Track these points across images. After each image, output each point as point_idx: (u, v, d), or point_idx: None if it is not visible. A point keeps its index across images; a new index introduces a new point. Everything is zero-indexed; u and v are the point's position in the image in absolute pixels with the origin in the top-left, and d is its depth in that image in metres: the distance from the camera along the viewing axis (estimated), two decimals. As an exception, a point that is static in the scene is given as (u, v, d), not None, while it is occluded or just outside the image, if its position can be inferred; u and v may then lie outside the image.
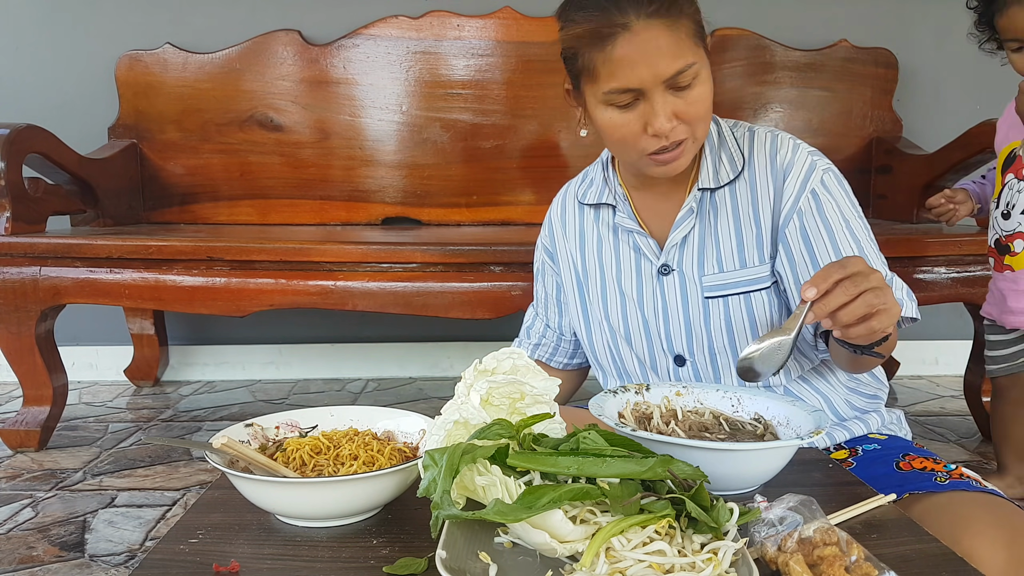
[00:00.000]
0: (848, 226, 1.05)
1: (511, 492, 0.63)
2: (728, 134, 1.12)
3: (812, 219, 1.05)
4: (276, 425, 0.89)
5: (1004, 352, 1.78)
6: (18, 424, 2.10)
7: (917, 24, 2.76)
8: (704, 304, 1.10)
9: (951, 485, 0.92)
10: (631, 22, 0.96)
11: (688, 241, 1.11)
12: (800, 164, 1.07)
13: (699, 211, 1.11)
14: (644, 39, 0.96)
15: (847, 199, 1.07)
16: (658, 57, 0.96)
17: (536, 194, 2.69)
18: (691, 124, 1.01)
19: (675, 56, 0.96)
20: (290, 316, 2.83)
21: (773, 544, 0.64)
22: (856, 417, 1.13)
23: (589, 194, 1.21)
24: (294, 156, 2.68)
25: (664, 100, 0.98)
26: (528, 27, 2.63)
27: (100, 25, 2.72)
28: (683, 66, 0.96)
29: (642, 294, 1.14)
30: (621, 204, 1.16)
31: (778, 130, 1.13)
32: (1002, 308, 1.73)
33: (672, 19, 0.96)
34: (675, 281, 1.12)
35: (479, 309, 1.98)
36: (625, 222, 1.15)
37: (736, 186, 1.10)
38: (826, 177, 1.06)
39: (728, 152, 1.11)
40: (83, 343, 2.84)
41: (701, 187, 1.10)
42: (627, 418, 0.91)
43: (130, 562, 1.50)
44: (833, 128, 2.70)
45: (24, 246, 2.02)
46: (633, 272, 1.16)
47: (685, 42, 0.97)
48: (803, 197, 1.06)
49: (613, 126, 1.03)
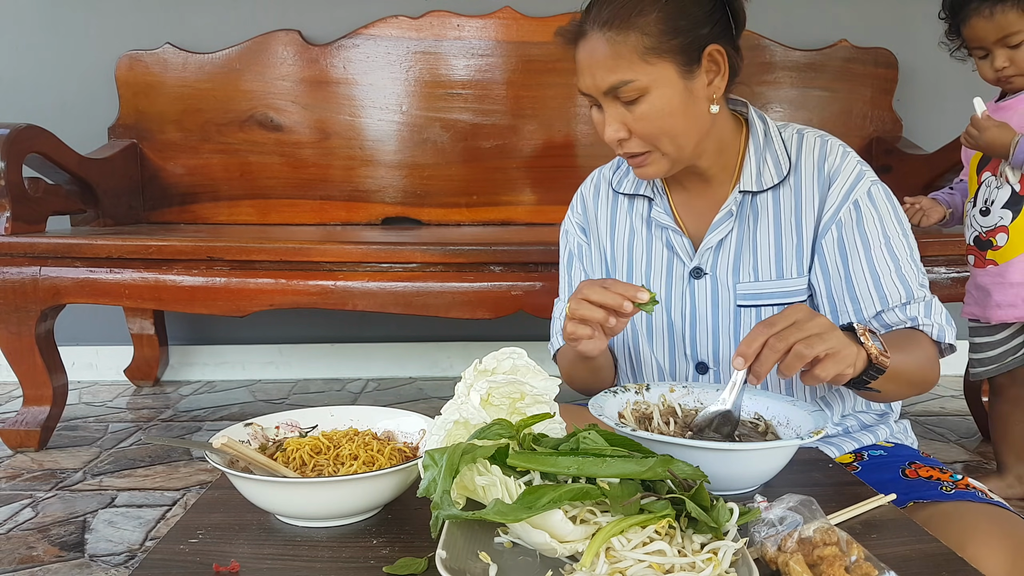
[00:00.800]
0: (888, 243, 1.02)
1: (511, 492, 0.63)
2: (775, 134, 1.08)
3: (851, 232, 1.02)
4: (276, 425, 0.89)
5: (991, 353, 1.76)
6: (18, 424, 2.10)
7: (917, 24, 2.76)
8: (736, 312, 1.06)
9: (957, 495, 0.90)
10: (587, 29, 0.99)
11: (724, 245, 1.08)
12: (847, 172, 1.03)
13: (739, 214, 1.07)
14: (589, 48, 0.98)
15: (893, 214, 1.03)
16: (597, 68, 0.97)
17: (536, 194, 2.69)
18: (644, 139, 1.00)
19: (609, 70, 0.96)
20: (290, 316, 2.83)
21: (773, 544, 0.64)
22: (863, 429, 1.11)
23: (625, 183, 1.16)
24: (294, 156, 2.68)
25: (612, 110, 0.99)
26: (528, 27, 2.63)
27: (100, 25, 2.73)
28: (616, 82, 0.96)
29: (671, 295, 1.11)
30: (659, 198, 1.12)
31: (828, 135, 1.09)
32: (986, 304, 1.70)
33: (616, 32, 0.96)
34: (707, 286, 1.08)
35: (479, 309, 1.98)
36: (661, 217, 1.11)
37: (780, 191, 1.06)
38: (873, 189, 1.03)
39: (774, 154, 1.07)
40: (83, 343, 2.84)
41: (743, 189, 1.06)
42: (627, 418, 0.91)
43: (130, 562, 1.50)
44: (833, 128, 2.70)
45: (24, 246, 2.02)
46: (664, 271, 1.12)
47: (624, 58, 0.96)
48: (844, 207, 1.02)
49: (595, 123, 1.04)
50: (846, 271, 1.02)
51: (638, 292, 0.89)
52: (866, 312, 1.02)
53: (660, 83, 0.97)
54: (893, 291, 1.01)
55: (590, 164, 2.92)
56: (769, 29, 2.68)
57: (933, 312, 1.02)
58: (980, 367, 1.78)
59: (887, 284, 1.01)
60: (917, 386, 1.00)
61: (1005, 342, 1.74)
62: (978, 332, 1.77)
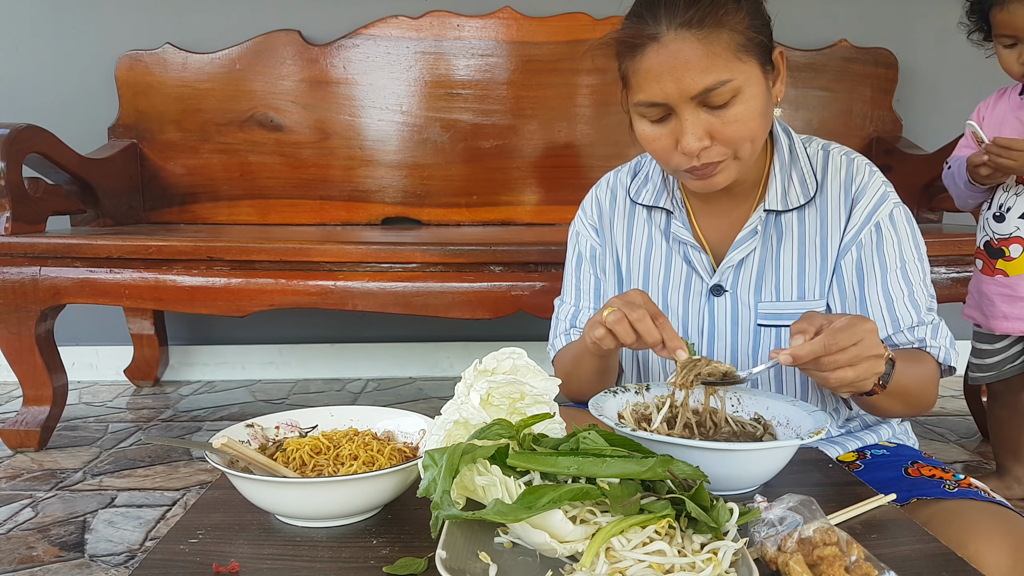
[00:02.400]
0: (904, 267, 1.01)
1: (511, 492, 0.63)
2: (801, 151, 1.06)
3: (870, 254, 1.02)
4: (276, 425, 0.89)
5: (989, 361, 1.75)
6: (18, 424, 2.10)
7: (917, 24, 2.76)
8: (756, 331, 1.05)
9: (959, 493, 0.91)
10: (661, 33, 0.90)
11: (746, 264, 1.06)
12: (872, 193, 1.02)
13: (763, 233, 1.05)
14: (672, 51, 0.90)
15: (911, 239, 1.03)
16: (685, 71, 0.90)
17: (536, 194, 2.69)
18: (728, 145, 0.94)
19: (704, 71, 0.89)
20: (290, 316, 2.83)
21: (773, 544, 0.64)
22: (867, 428, 1.11)
23: (644, 193, 1.13)
24: (294, 156, 2.68)
25: (695, 118, 0.92)
26: (528, 27, 2.63)
27: (100, 25, 2.73)
28: (713, 83, 0.90)
29: (688, 311, 1.08)
30: (678, 212, 1.09)
31: (853, 151, 1.07)
32: (991, 313, 1.68)
33: (707, 31, 0.89)
34: (726, 304, 1.06)
35: (479, 309, 1.98)
36: (681, 232, 1.09)
37: (806, 212, 1.05)
38: (895, 212, 1.02)
39: (800, 173, 1.05)
40: (83, 343, 2.84)
41: (768, 208, 1.04)
42: (627, 418, 0.91)
43: (130, 562, 1.50)
44: (833, 128, 2.70)
45: (24, 246, 2.02)
46: (682, 286, 1.09)
47: (720, 56, 0.90)
48: (866, 229, 1.02)
49: (647, 139, 0.98)
50: (861, 294, 1.02)
51: (679, 348, 0.88)
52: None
53: (752, 82, 0.93)
54: (905, 315, 1.02)
55: (590, 164, 2.95)
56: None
57: (940, 335, 1.02)
58: (978, 372, 1.77)
59: (900, 308, 1.02)
60: (915, 406, 1.00)
61: (1004, 351, 1.73)
62: (981, 339, 1.76)
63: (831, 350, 0.82)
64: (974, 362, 1.78)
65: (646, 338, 0.88)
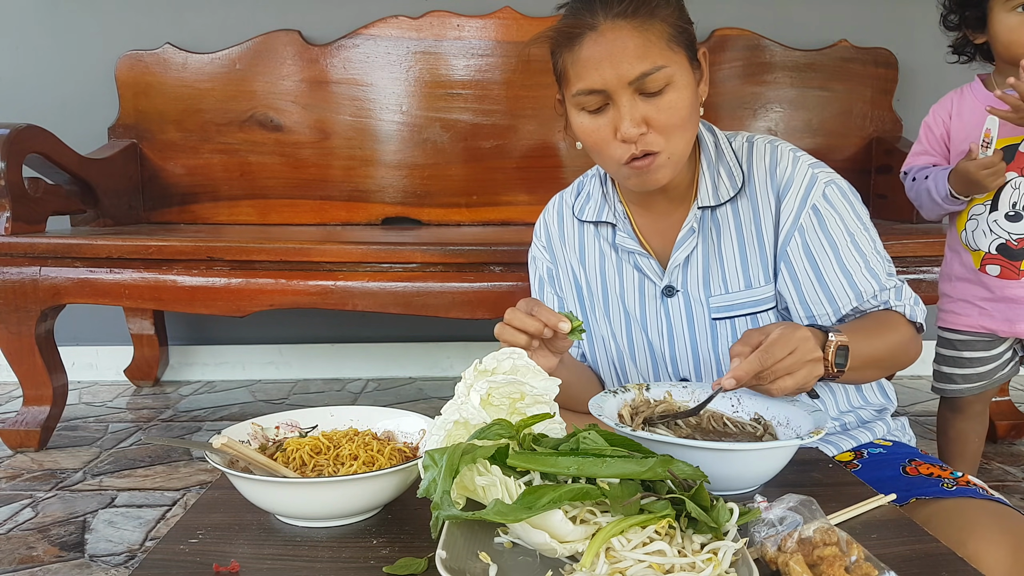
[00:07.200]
0: (853, 240, 1.03)
1: (511, 492, 0.63)
2: (726, 146, 1.09)
3: (815, 235, 1.03)
4: (276, 425, 0.89)
5: (982, 369, 1.61)
6: (18, 424, 2.10)
7: (917, 24, 2.76)
8: (712, 326, 1.08)
9: (958, 491, 0.91)
10: (598, 22, 0.96)
11: (691, 261, 1.09)
12: (800, 178, 1.04)
13: (701, 230, 1.08)
14: (609, 39, 0.95)
15: (851, 211, 1.04)
16: (622, 58, 0.94)
17: (536, 194, 2.69)
18: (663, 134, 0.97)
19: (640, 57, 0.94)
20: (290, 316, 2.83)
21: (773, 544, 0.64)
22: (862, 426, 1.11)
23: (587, 210, 1.17)
24: (294, 156, 2.68)
25: (632, 105, 0.96)
26: (528, 27, 2.63)
27: (100, 25, 2.73)
28: (649, 68, 0.94)
29: (646, 315, 1.12)
30: (621, 223, 1.13)
31: (777, 139, 1.10)
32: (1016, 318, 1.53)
33: (641, 20, 0.95)
34: (680, 303, 1.09)
35: (479, 309, 1.98)
36: (626, 242, 1.12)
37: (738, 203, 1.07)
38: (828, 190, 1.04)
39: (727, 167, 1.08)
40: (83, 343, 2.84)
41: (701, 205, 1.07)
42: (627, 418, 0.91)
43: (130, 562, 1.50)
44: (833, 128, 2.70)
45: (24, 246, 2.02)
46: (636, 292, 1.13)
47: (655, 44, 0.95)
48: (804, 213, 1.03)
49: (585, 131, 1.01)
50: (817, 274, 1.03)
51: (559, 322, 0.91)
52: (843, 308, 1.04)
53: (682, 73, 0.98)
54: (866, 285, 1.04)
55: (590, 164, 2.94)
56: (768, 29, 2.68)
57: (904, 295, 1.05)
58: (965, 383, 1.62)
59: (860, 280, 1.03)
60: (895, 366, 1.04)
61: (999, 357, 1.61)
62: (973, 347, 1.60)
63: (767, 363, 0.85)
64: (963, 373, 1.63)
65: (530, 330, 0.91)
